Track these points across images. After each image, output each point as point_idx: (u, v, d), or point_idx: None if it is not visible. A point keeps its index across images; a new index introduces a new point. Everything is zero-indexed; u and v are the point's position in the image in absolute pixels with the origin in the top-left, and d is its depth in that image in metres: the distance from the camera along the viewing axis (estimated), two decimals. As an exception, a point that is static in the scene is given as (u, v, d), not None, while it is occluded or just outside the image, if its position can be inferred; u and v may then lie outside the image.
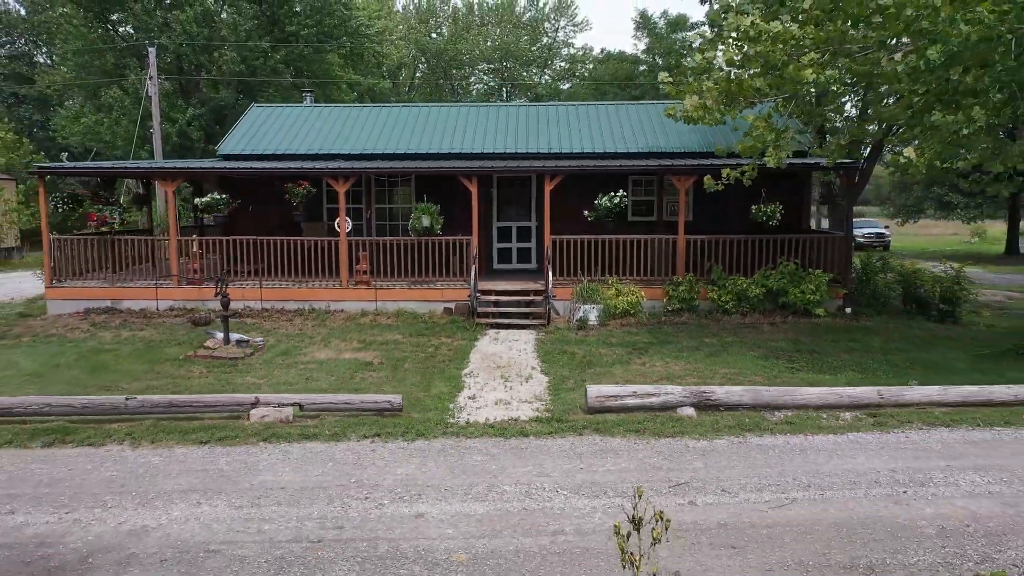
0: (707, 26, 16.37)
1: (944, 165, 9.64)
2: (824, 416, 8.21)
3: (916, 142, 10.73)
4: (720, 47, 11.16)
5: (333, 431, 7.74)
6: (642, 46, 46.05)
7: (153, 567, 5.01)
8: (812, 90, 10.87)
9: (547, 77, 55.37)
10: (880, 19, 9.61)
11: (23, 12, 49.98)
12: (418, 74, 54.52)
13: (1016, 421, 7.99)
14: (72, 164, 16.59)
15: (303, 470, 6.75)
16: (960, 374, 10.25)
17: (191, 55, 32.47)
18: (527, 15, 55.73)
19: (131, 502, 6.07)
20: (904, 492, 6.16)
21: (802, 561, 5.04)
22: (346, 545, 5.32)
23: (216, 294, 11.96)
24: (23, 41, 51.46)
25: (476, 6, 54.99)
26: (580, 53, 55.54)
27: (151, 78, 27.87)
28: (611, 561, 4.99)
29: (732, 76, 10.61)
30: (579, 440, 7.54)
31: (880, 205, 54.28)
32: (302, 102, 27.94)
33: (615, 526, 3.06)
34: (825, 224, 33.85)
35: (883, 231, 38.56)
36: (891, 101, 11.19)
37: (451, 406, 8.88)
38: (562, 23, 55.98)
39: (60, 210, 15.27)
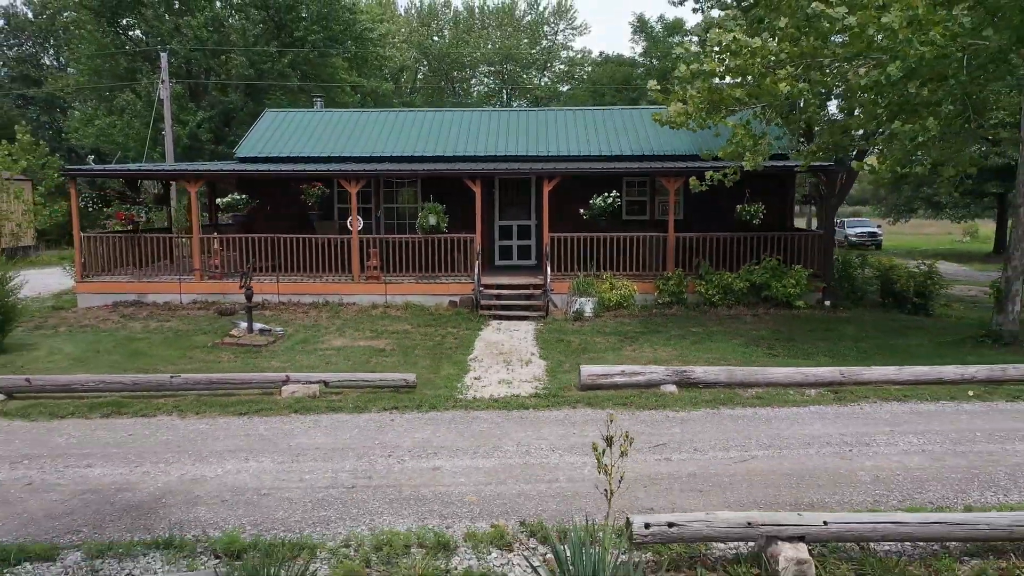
0: (694, 38, 17.38)
1: (904, 170, 10.65)
2: (791, 392, 9.23)
3: (893, 146, 11.74)
4: (704, 59, 12.14)
5: (356, 404, 8.77)
6: (639, 49, 47.08)
7: (217, 505, 6.03)
8: (787, 100, 11.85)
9: (546, 79, 56.40)
10: (847, 37, 10.63)
11: (30, 15, 51.03)
12: (420, 76, 55.54)
13: (960, 396, 9.02)
14: (101, 167, 17.65)
15: (333, 435, 7.78)
16: (923, 359, 11.22)
17: (201, 59, 33.50)
18: (527, 18, 56.80)
19: (188, 459, 7.09)
20: (849, 450, 7.19)
21: (755, 500, 6.05)
22: (375, 490, 6.34)
23: (241, 287, 12.99)
24: (30, 43, 52.46)
25: (477, 9, 56.04)
26: (579, 56, 56.63)
27: (163, 82, 28.90)
28: (597, 502, 5.98)
29: (712, 86, 11.61)
30: (573, 412, 8.57)
31: (875, 205, 55.27)
32: (309, 104, 28.87)
33: (592, 445, 4.07)
34: (816, 223, 34.80)
35: (875, 230, 39.62)
36: (858, 111, 12.18)
37: (459, 385, 9.91)
38: (561, 26, 57.07)
39: (91, 209, 16.27)
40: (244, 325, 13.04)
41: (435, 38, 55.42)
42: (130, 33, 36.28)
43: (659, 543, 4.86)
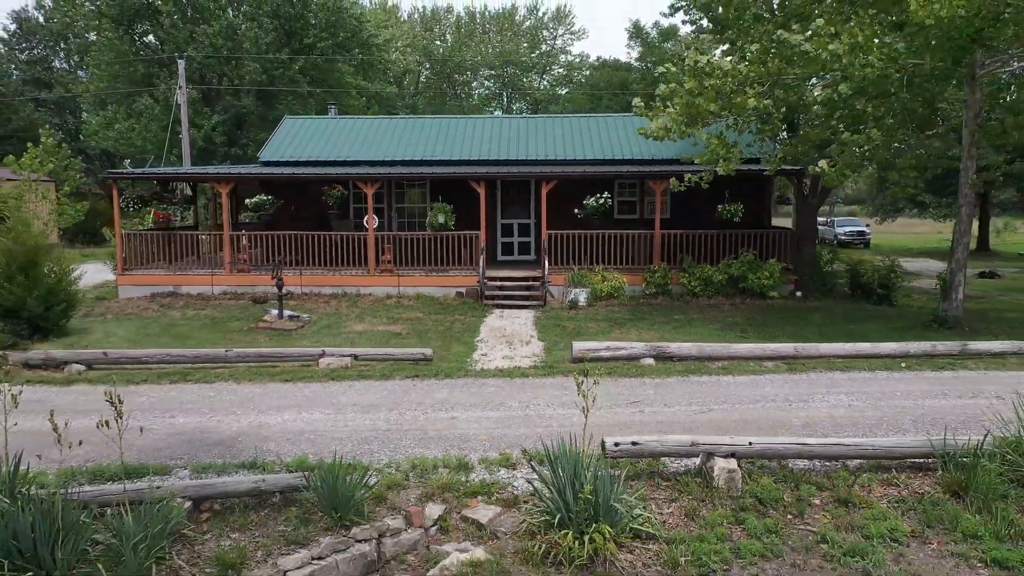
0: (677, 57, 19.02)
1: (854, 174, 12.25)
2: (752, 364, 10.85)
3: (844, 154, 13.35)
4: (684, 78, 13.74)
5: (383, 373, 10.39)
6: (635, 54, 48.66)
7: (282, 442, 7.65)
8: (755, 113, 13.45)
9: (545, 83, 58.03)
10: (803, 60, 12.25)
11: (41, 19, 52.64)
12: (422, 79, 57.17)
13: (894, 367, 10.65)
14: (140, 170, 19.26)
15: (366, 395, 9.40)
16: (876, 340, 12.84)
17: (215, 65, 35.13)
18: (527, 23, 58.42)
19: (252, 412, 8.71)
20: (789, 405, 8.81)
21: (707, 438, 7.66)
22: (406, 432, 7.96)
23: (272, 278, 14.61)
24: (41, 47, 54.05)
25: (478, 14, 57.70)
26: (577, 60, 58.28)
27: (180, 88, 30.51)
28: (583, 440, 7.58)
29: (689, 102, 13.21)
30: (565, 379, 10.16)
31: (868, 204, 56.84)
32: (318, 108, 30.43)
33: (574, 376, 5.68)
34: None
35: (864, 229, 41.22)
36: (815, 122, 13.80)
37: (468, 360, 11.55)
38: (560, 31, 58.68)
39: (131, 210, 17.89)
40: (275, 312, 14.66)
41: (437, 42, 57.06)
42: (146, 39, 37.86)
43: (625, 457, 6.49)
